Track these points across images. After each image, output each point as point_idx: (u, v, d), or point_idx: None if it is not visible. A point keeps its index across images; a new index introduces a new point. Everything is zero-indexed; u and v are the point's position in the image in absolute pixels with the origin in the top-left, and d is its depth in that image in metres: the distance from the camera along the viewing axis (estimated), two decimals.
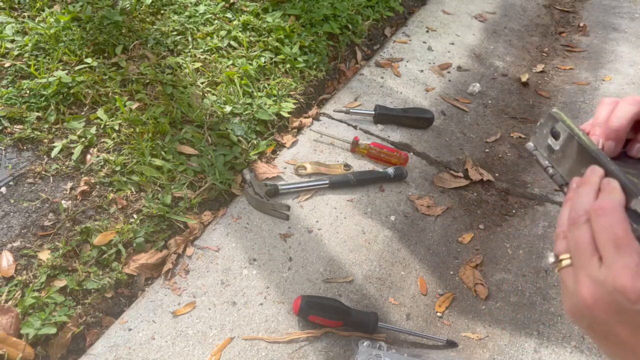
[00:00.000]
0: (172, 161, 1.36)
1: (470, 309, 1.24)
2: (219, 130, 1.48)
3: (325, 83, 1.89)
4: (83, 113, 1.46)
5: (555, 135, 0.50)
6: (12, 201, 1.22)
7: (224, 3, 1.99)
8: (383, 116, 1.68)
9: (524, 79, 2.13)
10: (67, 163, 1.32)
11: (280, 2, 2.05)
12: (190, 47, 1.76)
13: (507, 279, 1.31)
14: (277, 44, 1.83)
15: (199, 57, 1.73)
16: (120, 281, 1.14)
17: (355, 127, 1.66)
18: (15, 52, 1.55)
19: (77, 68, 1.55)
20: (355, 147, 1.54)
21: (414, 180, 1.53)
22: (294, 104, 1.66)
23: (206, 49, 1.77)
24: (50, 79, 1.45)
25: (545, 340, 1.18)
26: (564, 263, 0.41)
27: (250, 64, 1.72)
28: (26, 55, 1.55)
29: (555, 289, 1.29)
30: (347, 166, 1.50)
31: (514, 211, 1.52)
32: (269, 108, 1.60)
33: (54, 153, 1.33)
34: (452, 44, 2.23)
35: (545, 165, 0.52)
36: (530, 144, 0.55)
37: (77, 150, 1.34)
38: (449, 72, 2.05)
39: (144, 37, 1.73)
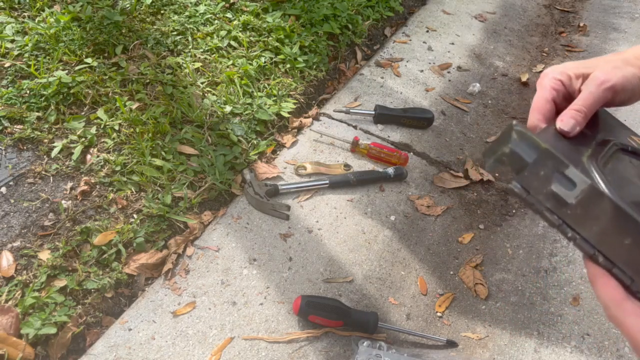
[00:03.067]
0: (172, 161, 1.36)
1: (470, 309, 1.24)
2: (219, 130, 1.48)
3: (325, 83, 1.89)
4: (83, 113, 1.46)
5: (564, 183, 0.37)
6: (12, 201, 1.22)
7: (224, 3, 1.99)
8: (383, 116, 1.68)
9: (524, 79, 2.13)
10: (67, 163, 1.32)
11: (280, 2, 2.05)
12: (190, 47, 1.76)
13: (507, 279, 1.31)
14: (277, 44, 1.83)
15: (199, 57, 1.73)
16: (120, 281, 1.14)
17: (355, 127, 1.66)
18: (15, 52, 1.55)
19: (77, 68, 1.55)
20: (355, 147, 1.54)
21: (414, 180, 1.53)
22: (294, 104, 1.66)
23: (206, 49, 1.77)
24: (50, 79, 1.45)
25: (545, 340, 1.18)
26: None
27: (250, 64, 1.72)
28: (26, 55, 1.55)
29: (555, 289, 1.29)
30: (347, 166, 1.50)
31: (514, 211, 1.52)
32: (269, 108, 1.60)
33: (54, 153, 1.33)
34: (452, 44, 2.23)
35: (556, 222, 0.38)
36: (516, 185, 0.40)
37: (77, 150, 1.34)
38: (449, 72, 2.05)
39: (144, 37, 1.73)
